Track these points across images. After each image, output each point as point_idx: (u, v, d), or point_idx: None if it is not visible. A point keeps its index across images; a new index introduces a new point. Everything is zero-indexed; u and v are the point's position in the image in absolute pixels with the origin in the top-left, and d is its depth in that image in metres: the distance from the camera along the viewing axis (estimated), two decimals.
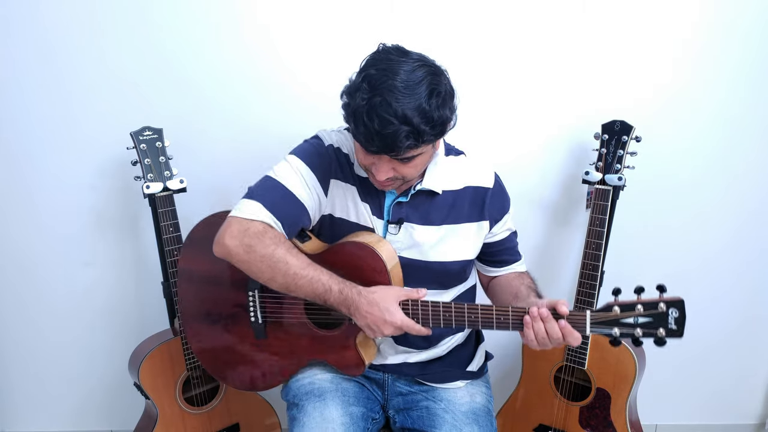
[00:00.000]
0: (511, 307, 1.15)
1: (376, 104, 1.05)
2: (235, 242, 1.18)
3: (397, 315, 1.16)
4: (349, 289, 1.18)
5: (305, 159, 1.27)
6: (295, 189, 1.24)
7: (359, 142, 1.13)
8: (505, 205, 1.36)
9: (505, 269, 1.40)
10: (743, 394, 2.10)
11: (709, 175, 1.83)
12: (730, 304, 1.97)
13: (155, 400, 1.63)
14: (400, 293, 1.19)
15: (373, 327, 1.18)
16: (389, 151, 1.09)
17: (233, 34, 1.69)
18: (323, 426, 1.22)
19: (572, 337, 1.10)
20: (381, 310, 1.16)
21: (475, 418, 1.31)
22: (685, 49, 1.71)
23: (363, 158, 1.18)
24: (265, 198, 1.21)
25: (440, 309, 1.18)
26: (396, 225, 1.27)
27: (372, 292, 1.18)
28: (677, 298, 1.06)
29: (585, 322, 1.10)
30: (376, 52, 1.13)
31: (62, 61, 1.68)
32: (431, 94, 1.08)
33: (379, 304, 1.17)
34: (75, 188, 1.79)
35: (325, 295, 1.19)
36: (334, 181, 1.28)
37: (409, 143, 1.07)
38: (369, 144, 1.09)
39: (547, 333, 1.10)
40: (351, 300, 1.18)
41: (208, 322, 1.39)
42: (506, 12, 1.69)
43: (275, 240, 1.18)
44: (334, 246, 1.27)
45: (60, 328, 1.94)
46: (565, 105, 1.76)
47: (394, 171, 1.16)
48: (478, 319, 1.16)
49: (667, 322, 1.06)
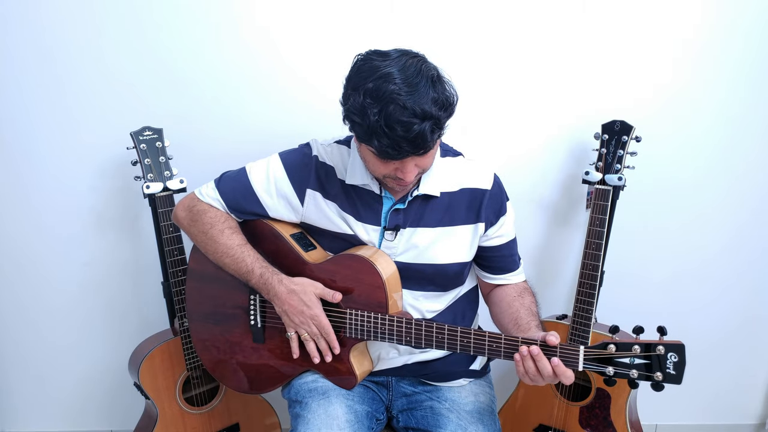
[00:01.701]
0: (504, 336, 1.14)
1: (391, 113, 1.04)
2: (183, 214, 1.37)
3: (316, 308, 1.23)
4: (270, 275, 1.26)
5: (286, 164, 1.31)
6: (259, 190, 1.31)
7: (384, 155, 1.10)
8: (502, 208, 1.33)
9: (501, 278, 1.37)
10: (743, 394, 2.10)
11: (710, 175, 1.83)
12: (730, 304, 1.97)
13: (155, 400, 1.63)
14: (316, 288, 1.25)
15: (290, 314, 1.24)
16: (419, 150, 1.09)
17: (233, 34, 1.69)
18: (328, 423, 1.22)
19: (564, 376, 1.08)
20: (300, 301, 1.23)
21: (479, 418, 1.32)
22: (685, 49, 1.71)
23: (383, 168, 1.16)
24: (226, 187, 1.32)
25: (433, 330, 1.18)
26: (392, 231, 1.27)
27: (294, 283, 1.25)
28: (677, 342, 1.02)
29: (578, 358, 1.08)
30: (358, 66, 1.11)
31: (62, 61, 1.68)
32: (431, 80, 1.08)
33: (299, 295, 1.23)
34: (75, 188, 1.79)
35: (247, 275, 1.28)
36: (311, 192, 1.30)
37: (435, 135, 1.09)
38: (397, 152, 1.08)
39: (539, 371, 1.09)
40: (270, 285, 1.25)
41: (212, 322, 1.40)
42: (506, 12, 1.68)
43: (214, 219, 1.31)
44: (335, 257, 1.29)
45: (60, 328, 1.94)
46: (565, 105, 1.76)
47: (417, 167, 1.16)
48: (470, 345, 1.16)
49: (665, 366, 1.03)
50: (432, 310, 1.34)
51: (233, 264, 1.29)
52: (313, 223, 1.32)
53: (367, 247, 1.28)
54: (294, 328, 1.26)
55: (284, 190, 1.30)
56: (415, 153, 1.09)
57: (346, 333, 1.26)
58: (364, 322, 1.23)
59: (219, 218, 1.32)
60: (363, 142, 1.12)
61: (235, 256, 1.29)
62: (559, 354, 1.08)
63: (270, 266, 1.28)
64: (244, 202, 1.32)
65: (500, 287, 1.38)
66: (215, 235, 1.30)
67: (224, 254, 1.30)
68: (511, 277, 1.38)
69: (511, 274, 1.38)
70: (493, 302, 1.39)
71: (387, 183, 1.21)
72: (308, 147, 1.33)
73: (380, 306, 1.22)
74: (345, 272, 1.25)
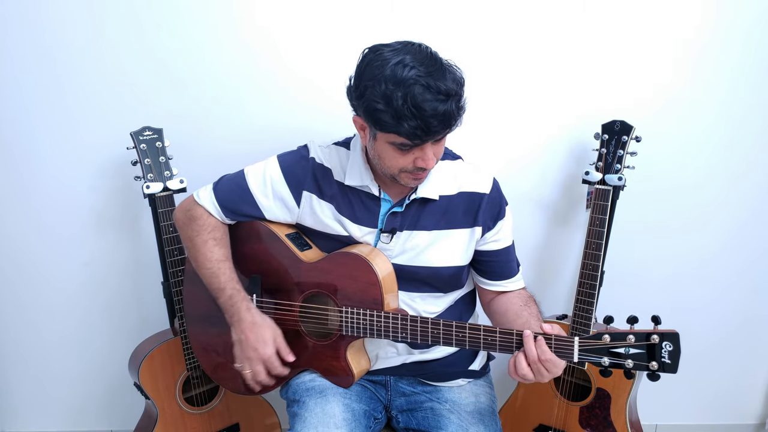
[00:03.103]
0: (498, 329, 1.14)
1: (417, 95, 1.05)
2: (180, 215, 1.38)
3: (268, 349, 1.25)
4: (240, 301, 1.27)
5: (283, 166, 1.31)
6: (255, 191, 1.31)
7: (413, 137, 1.09)
8: (500, 212, 1.31)
9: (499, 284, 1.35)
10: (743, 394, 2.10)
11: (710, 175, 1.83)
12: (730, 303, 1.97)
13: (155, 400, 1.63)
14: (277, 337, 1.27)
15: (244, 347, 1.25)
16: (447, 128, 1.11)
17: (233, 34, 1.68)
18: (325, 421, 1.22)
19: (552, 363, 1.08)
20: (257, 338, 1.24)
21: (480, 418, 1.32)
22: (685, 49, 1.71)
23: (402, 160, 1.15)
24: (223, 189, 1.33)
25: (429, 326, 1.18)
26: (388, 234, 1.26)
27: (261, 317, 1.27)
28: (672, 330, 1.03)
29: (573, 349, 1.08)
30: (369, 59, 1.11)
31: (62, 61, 1.68)
32: (441, 62, 1.11)
33: (259, 331, 1.24)
34: (75, 188, 1.79)
35: (218, 293, 1.29)
36: (307, 193, 1.30)
37: (461, 112, 1.11)
38: (426, 132, 1.08)
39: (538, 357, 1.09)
40: (236, 310, 1.26)
41: (208, 324, 1.40)
42: (507, 12, 1.68)
43: (201, 228, 1.32)
44: (331, 255, 1.29)
45: (60, 328, 1.94)
46: (565, 105, 1.76)
47: (435, 156, 1.17)
48: (465, 338, 1.16)
49: (660, 355, 1.03)
50: (429, 312, 1.34)
51: (207, 277, 1.31)
52: (308, 224, 1.32)
53: (363, 245, 1.28)
54: (242, 361, 1.27)
55: (281, 192, 1.30)
56: (443, 132, 1.11)
57: (342, 331, 1.26)
58: (359, 320, 1.23)
59: (206, 227, 1.32)
60: (389, 130, 1.10)
61: (211, 269, 1.30)
62: (554, 344, 1.08)
63: (243, 291, 1.29)
64: (241, 204, 1.32)
65: (503, 296, 1.36)
66: (199, 244, 1.32)
67: (201, 265, 1.31)
68: (509, 284, 1.36)
69: (509, 281, 1.36)
70: (497, 312, 1.35)
71: (401, 179, 1.19)
72: (305, 149, 1.33)
73: (376, 303, 1.22)
74: (340, 270, 1.25)
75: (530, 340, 1.09)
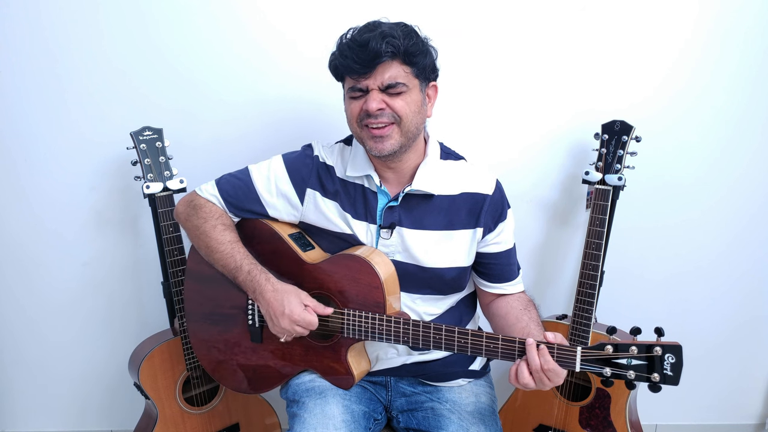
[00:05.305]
0: (501, 337, 1.14)
1: (359, 29, 1.19)
2: (182, 208, 1.38)
3: (296, 309, 1.21)
4: (258, 273, 1.26)
5: (287, 164, 1.33)
6: (260, 188, 1.32)
7: (348, 72, 1.19)
8: (502, 214, 1.32)
9: (499, 286, 1.36)
10: (743, 394, 2.09)
11: (710, 175, 1.83)
12: (731, 304, 1.97)
13: (155, 400, 1.63)
14: (306, 298, 1.24)
15: (271, 316, 1.23)
16: (365, 59, 1.14)
17: (234, 34, 1.68)
18: (324, 422, 1.22)
19: (553, 372, 1.07)
20: (282, 302, 1.21)
21: (481, 418, 1.32)
22: (685, 49, 1.71)
23: (355, 107, 1.21)
24: (227, 184, 1.34)
25: (431, 331, 1.18)
26: (388, 230, 1.27)
27: (281, 284, 1.25)
28: (674, 342, 1.03)
29: (575, 359, 1.08)
30: None
31: (62, 61, 1.68)
32: (404, 24, 1.20)
33: (283, 296, 1.22)
34: (75, 188, 1.79)
35: (235, 272, 1.28)
36: (311, 191, 1.31)
37: (386, 47, 1.13)
38: (356, 62, 1.15)
39: (540, 364, 1.08)
40: (257, 283, 1.25)
41: (209, 323, 1.40)
42: (506, 11, 1.69)
43: (208, 214, 1.32)
44: (333, 257, 1.29)
45: (60, 328, 1.94)
46: (564, 105, 1.76)
47: (384, 103, 1.18)
48: (467, 345, 1.16)
49: (662, 367, 1.03)
50: (430, 314, 1.34)
51: (222, 260, 1.29)
52: (311, 222, 1.33)
53: (365, 248, 1.28)
54: (280, 333, 1.25)
55: (284, 189, 1.31)
56: (373, 63, 1.15)
57: (343, 333, 1.26)
58: (361, 322, 1.23)
59: (213, 213, 1.33)
60: (339, 72, 1.22)
61: (224, 252, 1.29)
62: (556, 353, 1.08)
63: (259, 265, 1.28)
64: (244, 200, 1.33)
65: (503, 299, 1.36)
66: (208, 229, 1.31)
67: (214, 249, 1.30)
68: (508, 287, 1.36)
69: (509, 284, 1.36)
70: (496, 314, 1.35)
71: (366, 142, 1.22)
72: (310, 148, 1.35)
73: (378, 306, 1.22)
74: (343, 272, 1.25)
75: (533, 349, 1.09)
